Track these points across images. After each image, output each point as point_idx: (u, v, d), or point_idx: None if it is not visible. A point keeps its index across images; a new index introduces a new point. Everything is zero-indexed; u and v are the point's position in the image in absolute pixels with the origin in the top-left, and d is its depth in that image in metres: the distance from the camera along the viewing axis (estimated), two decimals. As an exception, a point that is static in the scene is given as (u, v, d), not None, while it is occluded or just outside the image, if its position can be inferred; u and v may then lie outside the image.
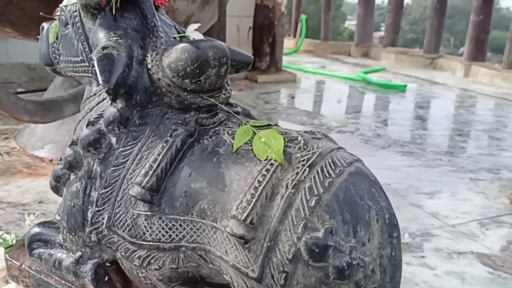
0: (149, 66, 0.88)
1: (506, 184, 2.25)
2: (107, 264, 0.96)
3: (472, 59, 5.57)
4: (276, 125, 0.90)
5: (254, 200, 0.72)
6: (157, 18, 0.93)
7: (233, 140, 0.83)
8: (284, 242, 0.71)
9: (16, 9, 1.60)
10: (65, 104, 2.14)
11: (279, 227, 0.71)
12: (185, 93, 0.87)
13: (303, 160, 0.76)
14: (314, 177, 0.73)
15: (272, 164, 0.75)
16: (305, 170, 0.74)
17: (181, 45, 0.86)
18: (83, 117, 0.97)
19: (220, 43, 0.89)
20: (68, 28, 0.97)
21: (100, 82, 0.79)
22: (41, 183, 2.10)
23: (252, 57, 1.05)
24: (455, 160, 2.57)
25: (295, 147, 0.78)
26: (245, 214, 0.71)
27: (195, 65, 0.84)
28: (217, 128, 0.88)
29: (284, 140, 0.79)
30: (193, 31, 0.98)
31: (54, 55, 1.04)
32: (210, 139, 0.86)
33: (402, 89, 4.60)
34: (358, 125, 3.23)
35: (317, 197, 0.71)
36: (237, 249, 0.74)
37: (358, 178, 0.76)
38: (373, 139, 2.92)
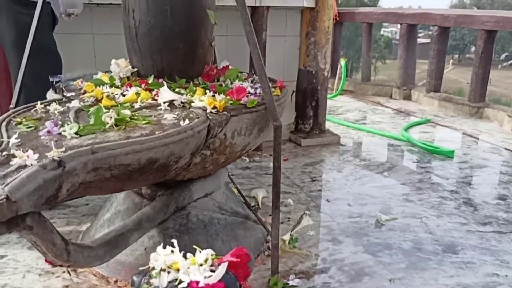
0: None
1: None
2: None
3: (521, 114, 5.43)
4: None
5: None
6: None
7: None
8: None
9: (95, 189, 1.72)
10: (131, 234, 2.23)
11: None
12: None
13: None
14: None
15: None
16: None
17: None
18: None
19: None
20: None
21: None
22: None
23: None
24: (509, 280, 2.53)
25: None
26: None
27: None
28: None
29: None
30: None
31: None
32: None
33: (449, 155, 4.55)
34: (407, 218, 3.22)
35: None
36: None
37: None
38: (423, 241, 2.90)
